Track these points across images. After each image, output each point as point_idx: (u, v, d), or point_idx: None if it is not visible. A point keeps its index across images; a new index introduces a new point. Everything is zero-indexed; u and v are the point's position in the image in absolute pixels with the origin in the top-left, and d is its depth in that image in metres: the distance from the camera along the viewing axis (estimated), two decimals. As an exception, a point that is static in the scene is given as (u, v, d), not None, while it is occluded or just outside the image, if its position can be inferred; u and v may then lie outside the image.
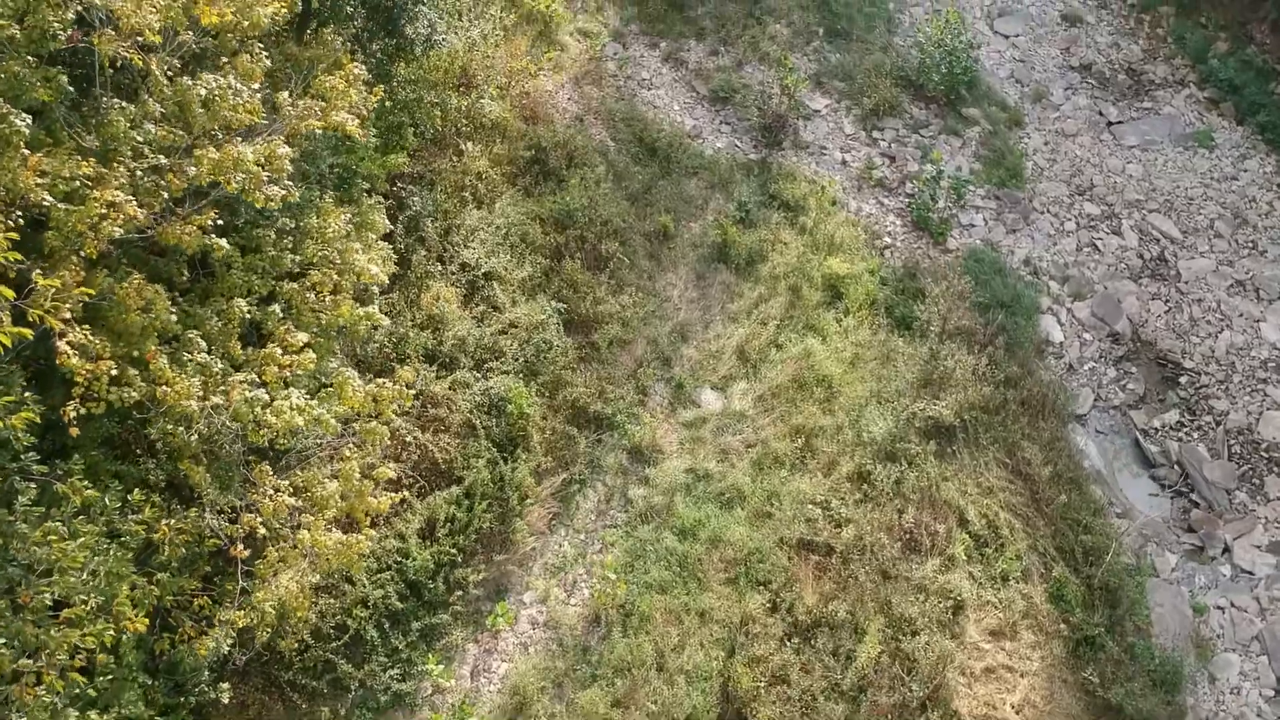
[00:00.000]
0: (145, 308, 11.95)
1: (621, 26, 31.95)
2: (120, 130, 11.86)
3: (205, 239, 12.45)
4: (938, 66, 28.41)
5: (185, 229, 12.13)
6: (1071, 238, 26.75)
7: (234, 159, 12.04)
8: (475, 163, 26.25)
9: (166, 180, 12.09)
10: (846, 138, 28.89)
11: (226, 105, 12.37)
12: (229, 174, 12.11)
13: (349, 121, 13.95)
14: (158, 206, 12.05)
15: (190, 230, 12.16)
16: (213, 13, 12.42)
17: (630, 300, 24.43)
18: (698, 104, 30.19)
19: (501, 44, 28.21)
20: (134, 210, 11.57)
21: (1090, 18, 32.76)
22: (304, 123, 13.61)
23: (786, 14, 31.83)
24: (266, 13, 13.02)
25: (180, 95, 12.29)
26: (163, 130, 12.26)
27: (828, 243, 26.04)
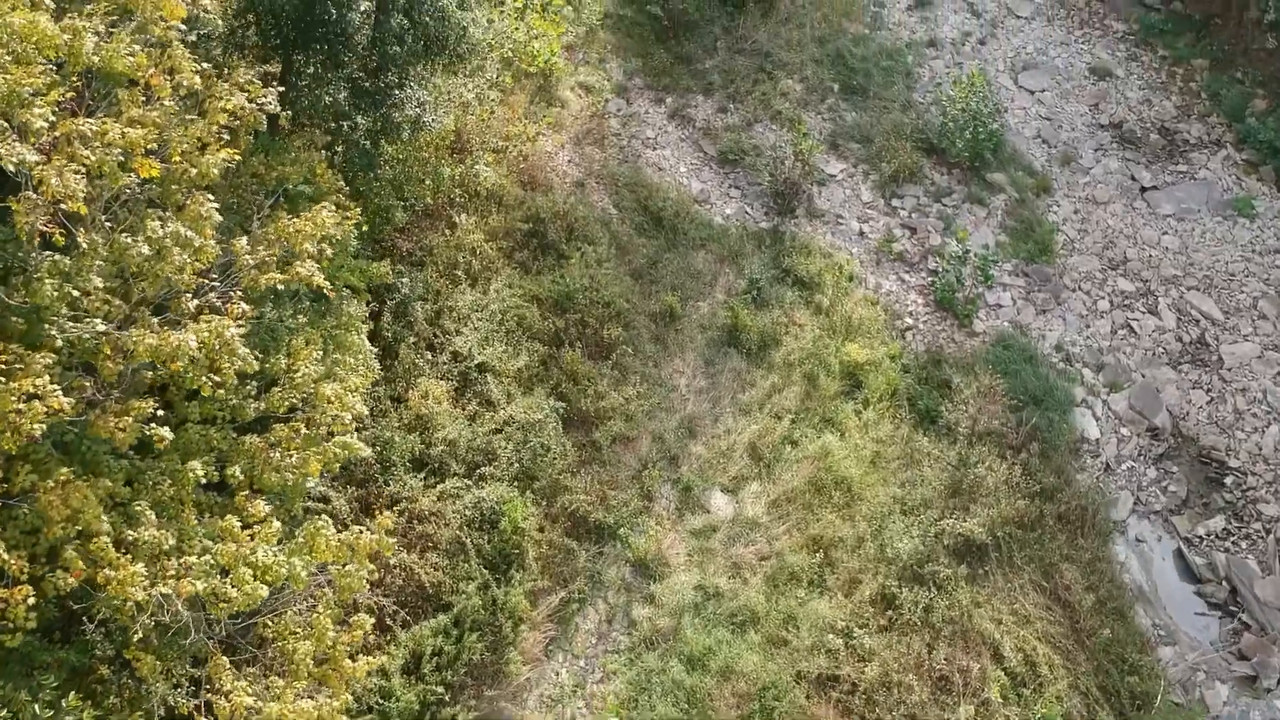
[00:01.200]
0: (72, 517, 10.31)
1: (625, 79, 30.27)
2: (47, 297, 10.22)
3: (144, 429, 10.78)
4: (961, 132, 26.71)
5: (120, 422, 10.47)
6: (1105, 319, 25.04)
7: (173, 347, 10.38)
8: (469, 236, 24.56)
9: (100, 363, 10.45)
10: (864, 205, 27.19)
11: (171, 266, 10.72)
12: (170, 359, 10.46)
13: (315, 275, 12.27)
14: (89, 390, 10.40)
15: (126, 424, 10.48)
16: (152, 165, 10.76)
17: (634, 391, 22.73)
18: (705, 165, 28.50)
19: (498, 104, 26.50)
20: (59, 402, 9.92)
21: (1119, 71, 31.05)
22: (264, 277, 11.93)
23: (799, 68, 30.14)
24: (217, 161, 11.34)
25: (118, 255, 10.63)
26: (96, 300, 10.61)
27: (845, 324, 24.34)
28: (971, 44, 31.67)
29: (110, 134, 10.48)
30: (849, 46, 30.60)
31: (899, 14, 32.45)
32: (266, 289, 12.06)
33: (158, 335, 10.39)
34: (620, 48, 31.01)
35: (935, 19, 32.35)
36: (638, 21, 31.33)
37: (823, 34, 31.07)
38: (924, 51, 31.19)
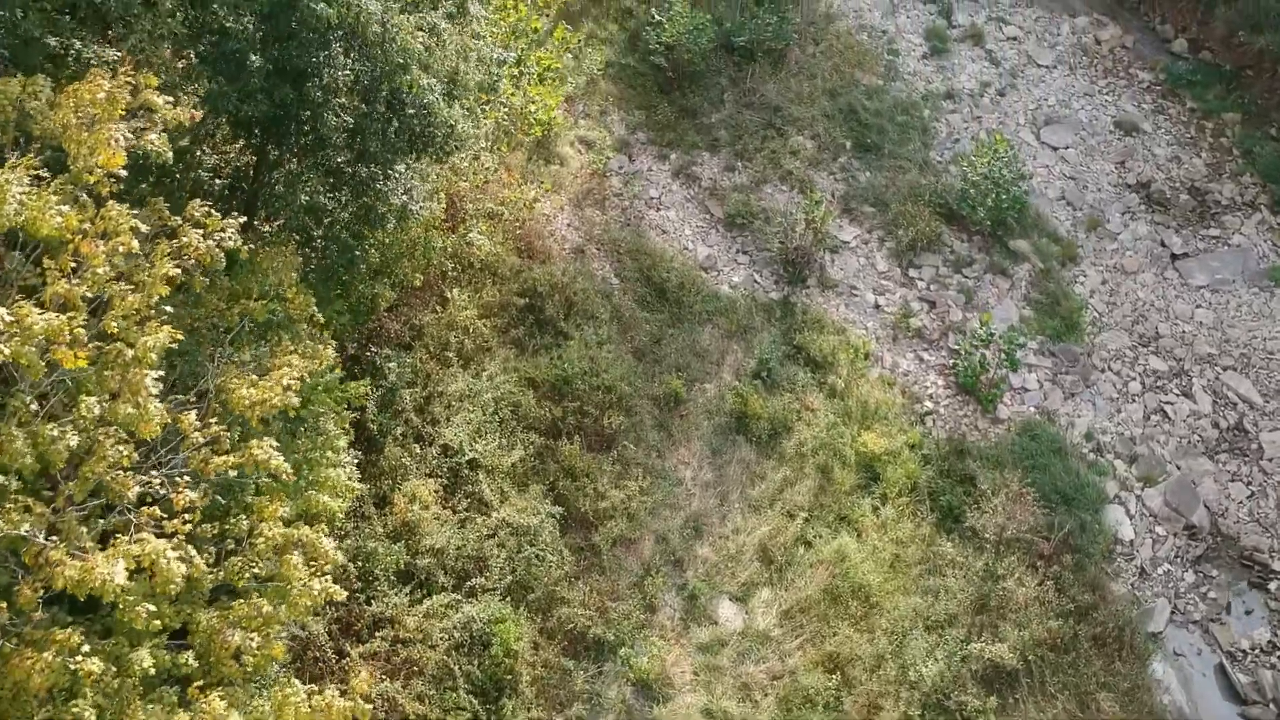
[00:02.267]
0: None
1: (627, 134, 28.82)
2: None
3: (70, 661, 9.34)
4: (983, 199, 25.23)
5: (37, 664, 9.00)
6: (1137, 403, 23.57)
7: (99, 581, 8.95)
8: (461, 313, 23.10)
9: (15, 592, 9.03)
10: (879, 275, 25.71)
11: (103, 463, 9.29)
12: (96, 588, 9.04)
13: (273, 458, 10.82)
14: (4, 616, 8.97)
15: (45, 663, 9.02)
16: (78, 356, 9.34)
17: (637, 487, 21.26)
18: (712, 228, 27.04)
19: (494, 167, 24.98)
20: (-37, 641, 8.52)
21: (1146, 125, 29.58)
22: (215, 461, 10.49)
23: (810, 124, 28.67)
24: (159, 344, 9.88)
25: (43, 448, 9.21)
26: (15, 509, 9.16)
27: (861, 409, 22.88)
28: (991, 95, 30.21)
29: (30, 319, 9.06)
30: (862, 100, 29.14)
31: (914, 63, 31.00)
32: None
33: (80, 564, 8.94)
34: (622, 99, 29.58)
35: (952, 68, 30.89)
36: (640, 72, 29.89)
37: (834, 86, 29.61)
38: (941, 104, 29.72)
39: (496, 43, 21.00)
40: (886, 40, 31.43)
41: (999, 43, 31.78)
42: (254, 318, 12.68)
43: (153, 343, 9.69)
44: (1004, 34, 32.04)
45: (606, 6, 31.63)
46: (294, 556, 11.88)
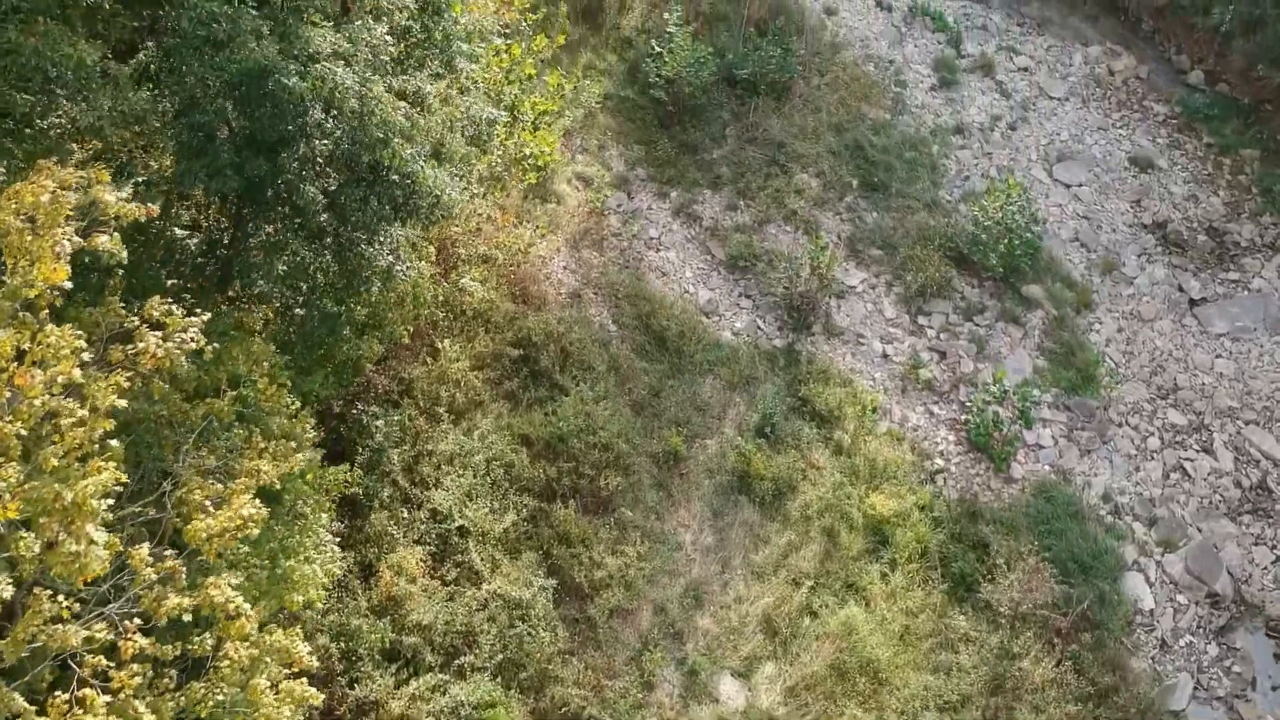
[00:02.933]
0: None
1: (626, 170, 27.91)
2: None
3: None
4: (995, 245, 24.29)
5: None
6: (1156, 460, 22.63)
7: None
8: (453, 365, 22.19)
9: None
10: (887, 322, 24.78)
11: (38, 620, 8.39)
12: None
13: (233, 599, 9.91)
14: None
15: None
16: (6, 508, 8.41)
17: (634, 553, 20.33)
18: (713, 270, 26.12)
19: (487, 212, 24.04)
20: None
21: (1162, 161, 28.65)
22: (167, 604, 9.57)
23: (815, 161, 27.74)
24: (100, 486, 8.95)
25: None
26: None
27: (868, 467, 21.96)
28: (1001, 130, 29.28)
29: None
30: (869, 136, 28.22)
31: (922, 95, 30.07)
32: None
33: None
34: (621, 133, 28.68)
35: (961, 100, 29.97)
36: (640, 105, 28.99)
37: (840, 120, 28.69)
38: (950, 140, 28.79)
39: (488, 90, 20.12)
40: (894, 71, 30.51)
41: (1010, 73, 30.86)
42: (220, 417, 11.79)
43: (94, 487, 8.80)
44: (1015, 64, 31.12)
45: (605, 36, 30.76)
46: (261, 680, 10.93)
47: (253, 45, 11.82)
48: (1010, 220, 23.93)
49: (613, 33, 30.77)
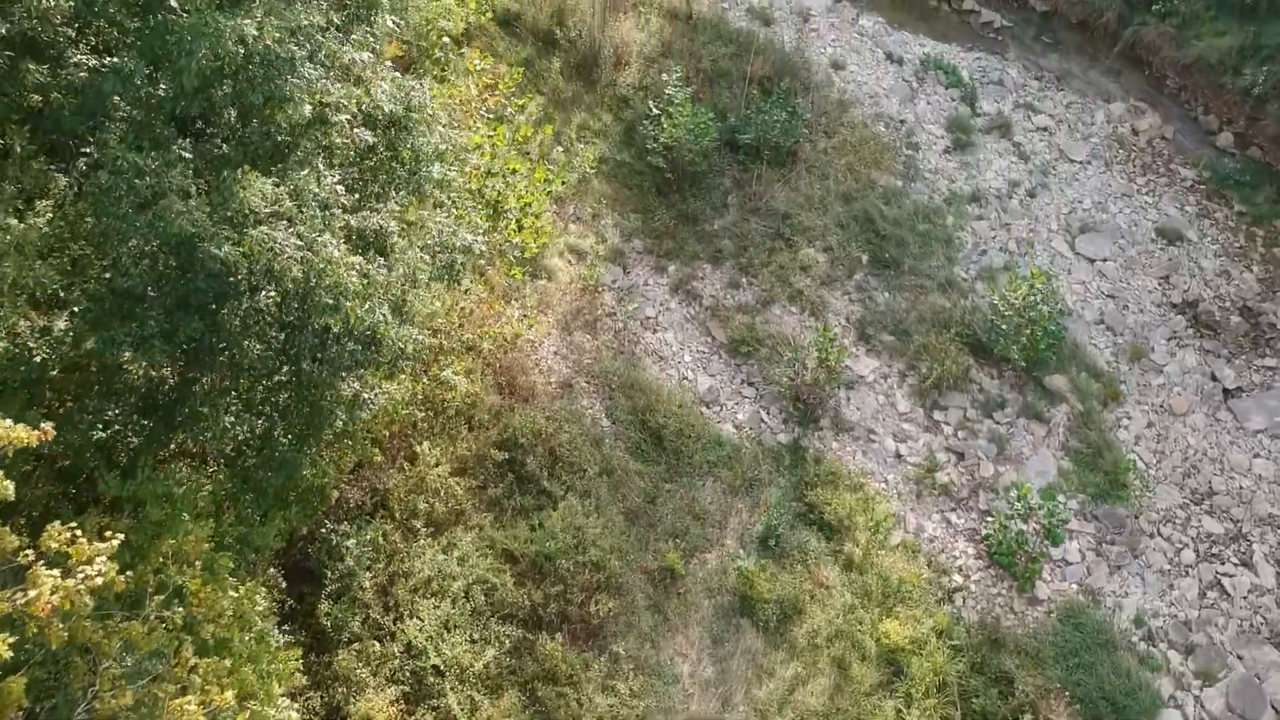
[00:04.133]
0: None
1: (622, 242, 26.27)
2: None
3: None
4: (1016, 337, 22.61)
5: None
6: (1191, 576, 20.97)
7: None
8: (432, 471, 20.56)
9: None
10: (900, 417, 23.12)
11: None
12: None
13: None
14: None
15: None
16: None
17: (627, 689, 18.67)
18: (714, 354, 24.48)
19: (470, 305, 22.39)
20: None
21: (1191, 233, 26.96)
22: None
23: (822, 234, 26.08)
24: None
25: None
26: None
27: (881, 586, 20.31)
28: (1020, 197, 27.61)
29: None
30: (879, 205, 26.57)
31: (936, 158, 28.42)
32: None
33: None
34: (617, 200, 27.06)
35: (977, 164, 28.30)
36: (637, 170, 27.38)
37: (849, 189, 27.04)
38: (966, 209, 27.12)
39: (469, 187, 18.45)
40: (905, 132, 28.87)
41: (1028, 134, 29.20)
42: (137, 645, 10.17)
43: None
44: (1033, 123, 29.45)
45: (600, 94, 29.15)
46: None
47: (179, 208, 10.22)
48: (1033, 311, 22.23)
49: (608, 90, 29.16)
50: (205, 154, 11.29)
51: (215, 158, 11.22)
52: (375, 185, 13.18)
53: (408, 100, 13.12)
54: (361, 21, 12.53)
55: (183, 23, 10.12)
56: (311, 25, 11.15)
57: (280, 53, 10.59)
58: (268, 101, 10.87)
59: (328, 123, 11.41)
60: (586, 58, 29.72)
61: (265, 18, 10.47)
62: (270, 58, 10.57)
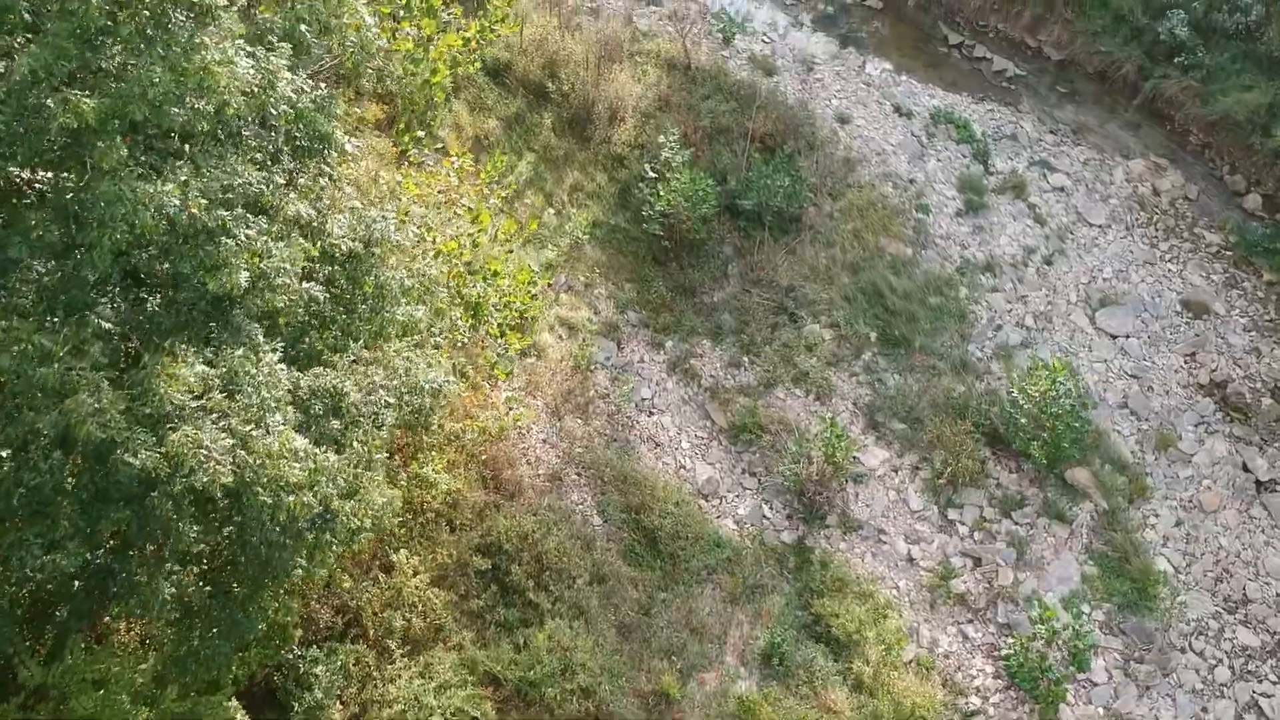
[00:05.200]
0: None
1: (616, 314, 24.83)
2: None
3: None
4: (1037, 433, 21.13)
5: None
6: (1227, 697, 19.52)
7: None
8: (409, 582, 19.10)
9: None
10: (912, 515, 21.66)
11: None
12: None
13: None
14: None
15: None
16: None
17: (617, 841, 17.26)
18: (714, 440, 23.02)
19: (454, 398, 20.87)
20: None
21: (1218, 305, 25.49)
22: None
23: (828, 308, 24.60)
24: None
25: None
26: None
27: (893, 712, 18.82)
28: (1037, 265, 26.14)
29: None
30: (888, 277, 25.09)
31: (947, 222, 26.94)
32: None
33: None
34: (611, 268, 25.62)
35: (990, 228, 26.83)
36: (633, 235, 25.95)
37: (856, 258, 25.56)
38: (979, 279, 25.65)
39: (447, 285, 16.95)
40: (915, 193, 27.39)
41: (1044, 194, 27.72)
42: None
43: None
44: (1049, 183, 27.97)
45: (594, 151, 27.71)
46: None
47: (90, 406, 8.79)
48: (1054, 407, 20.74)
49: (603, 147, 27.70)
50: (130, 320, 9.84)
51: (140, 323, 9.78)
52: (331, 332, 11.71)
53: (369, 234, 11.67)
54: (314, 156, 11.08)
55: (97, 191, 8.68)
56: (247, 182, 9.73)
57: (208, 221, 9.17)
58: (196, 270, 9.46)
59: (271, 287, 9.98)
60: (580, 113, 28.27)
61: (192, 179, 9.05)
62: (196, 228, 9.16)
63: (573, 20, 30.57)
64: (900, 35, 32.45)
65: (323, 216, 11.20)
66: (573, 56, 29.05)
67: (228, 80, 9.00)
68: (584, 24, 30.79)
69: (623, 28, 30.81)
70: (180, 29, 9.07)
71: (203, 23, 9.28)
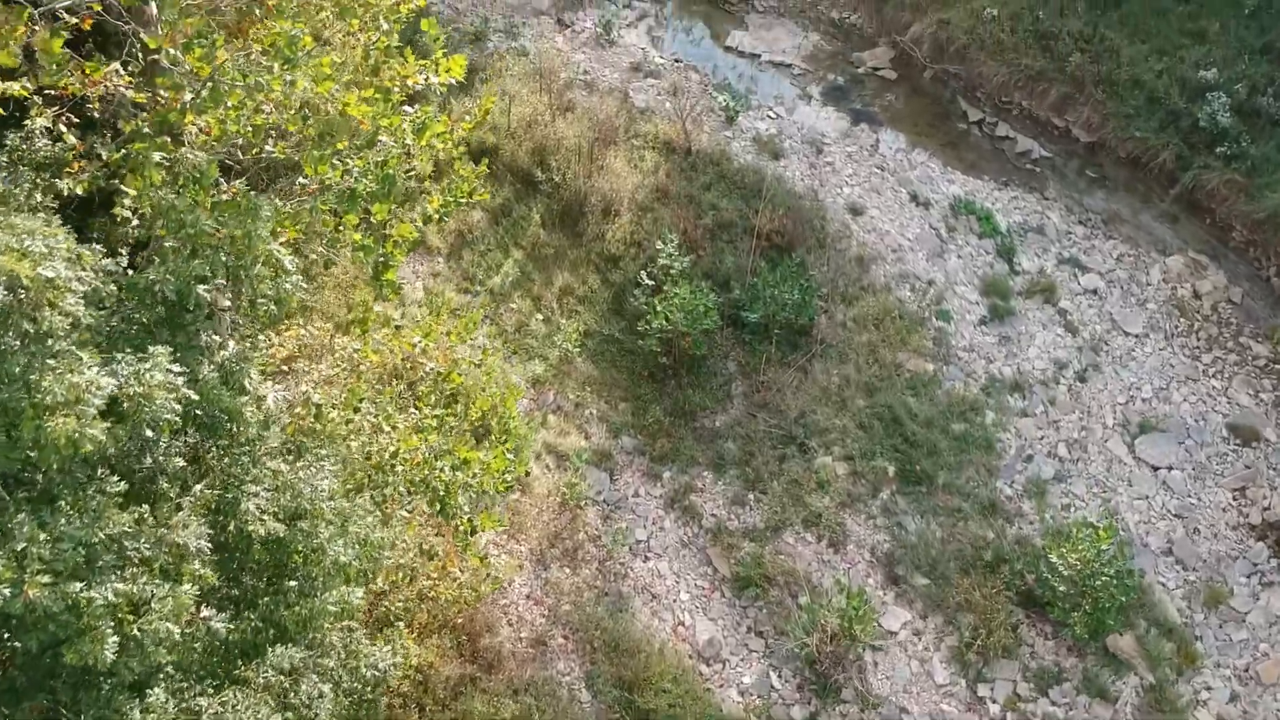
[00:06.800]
0: None
1: (609, 440, 22.64)
2: None
3: None
4: (1077, 602, 18.91)
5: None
6: None
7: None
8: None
9: None
10: (938, 690, 19.43)
11: None
12: None
13: None
14: None
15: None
16: None
17: None
18: (716, 590, 20.82)
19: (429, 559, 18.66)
20: None
21: (1269, 431, 23.28)
22: None
23: (841, 437, 22.39)
24: None
25: None
26: None
27: None
28: (1069, 382, 23.92)
29: None
30: (907, 400, 22.89)
31: (970, 331, 24.72)
32: None
33: None
34: (604, 384, 23.45)
35: (1018, 339, 24.61)
36: (628, 348, 23.78)
37: (871, 378, 23.36)
38: (1006, 400, 23.44)
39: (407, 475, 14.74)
40: (934, 296, 25.18)
41: (1075, 298, 25.51)
42: None
43: None
44: (1081, 284, 25.76)
45: (587, 249, 25.54)
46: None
47: None
48: (1099, 579, 18.52)
49: (596, 245, 25.52)
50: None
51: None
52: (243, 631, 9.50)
53: (295, 508, 9.50)
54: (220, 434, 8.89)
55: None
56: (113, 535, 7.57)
57: (50, 605, 7.04)
58: (46, 651, 7.36)
59: (155, 641, 7.81)
60: (571, 205, 26.10)
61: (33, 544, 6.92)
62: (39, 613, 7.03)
63: (565, 96, 28.40)
64: (916, 110, 30.27)
65: (233, 495, 9.05)
66: (564, 142, 26.88)
67: (70, 431, 6.88)
68: (577, 99, 28.63)
69: (619, 105, 28.66)
70: (10, 358, 6.91)
71: (43, 350, 7.13)
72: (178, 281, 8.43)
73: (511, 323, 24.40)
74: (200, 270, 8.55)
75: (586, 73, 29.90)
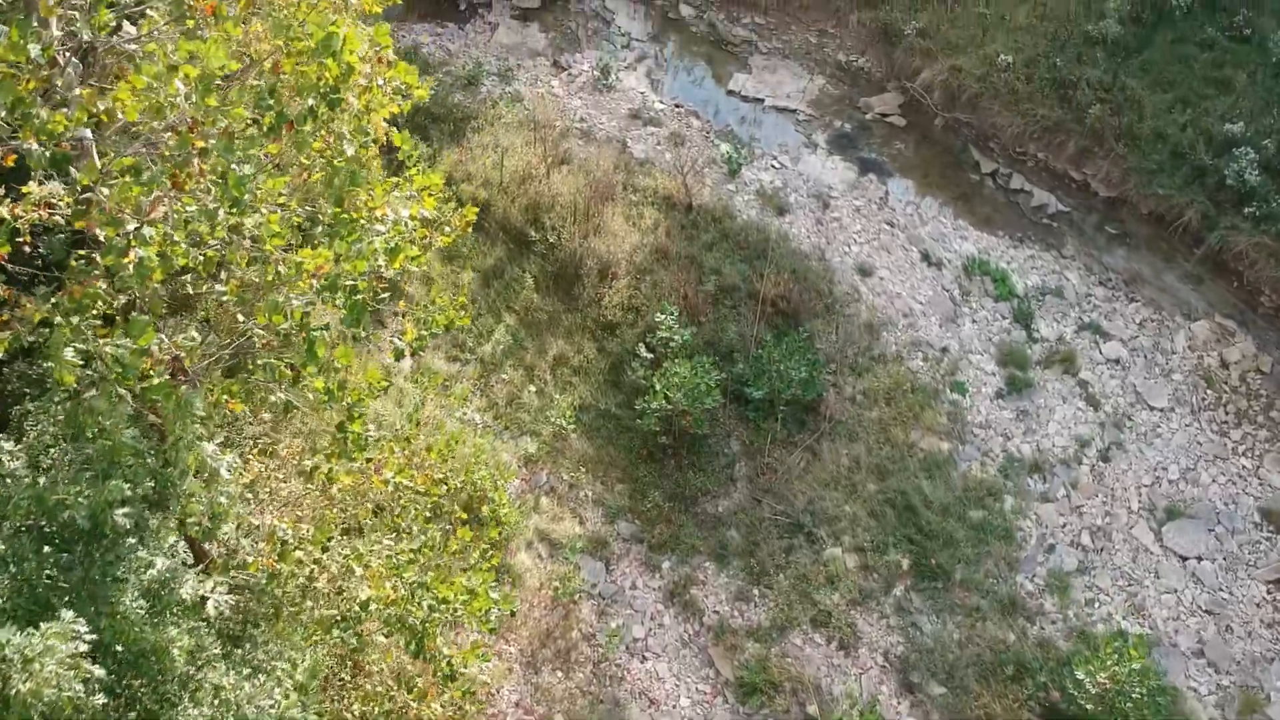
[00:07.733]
0: None
1: (605, 525, 21.37)
2: None
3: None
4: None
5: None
6: None
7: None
8: None
9: None
10: (956, 813, 18.16)
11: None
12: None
13: None
14: None
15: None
16: None
17: None
18: (718, 696, 19.52)
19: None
20: None
21: (1304, 516, 21.99)
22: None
23: (851, 526, 21.10)
24: None
25: None
26: None
27: None
28: (1091, 462, 22.62)
29: None
30: (920, 485, 21.59)
31: (986, 405, 23.42)
32: None
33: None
34: (600, 464, 22.16)
35: (1037, 413, 23.31)
36: (625, 425, 22.48)
37: (882, 459, 22.06)
38: (1026, 483, 22.15)
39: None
40: (948, 366, 23.88)
41: (1097, 367, 24.20)
42: None
43: None
44: (1102, 353, 24.45)
45: (582, 315, 24.24)
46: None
47: None
48: (1130, 694, 17.22)
49: (592, 310, 24.22)
50: None
51: None
52: None
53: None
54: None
55: None
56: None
57: None
58: None
59: None
60: (566, 266, 24.81)
61: None
62: None
63: (560, 147, 27.09)
64: (926, 159, 28.95)
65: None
66: (559, 199, 25.58)
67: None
68: (574, 149, 27.31)
69: (617, 156, 27.34)
70: None
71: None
72: (91, 506, 7.15)
73: (503, 395, 23.13)
74: (117, 491, 7.27)
75: (583, 120, 28.60)
